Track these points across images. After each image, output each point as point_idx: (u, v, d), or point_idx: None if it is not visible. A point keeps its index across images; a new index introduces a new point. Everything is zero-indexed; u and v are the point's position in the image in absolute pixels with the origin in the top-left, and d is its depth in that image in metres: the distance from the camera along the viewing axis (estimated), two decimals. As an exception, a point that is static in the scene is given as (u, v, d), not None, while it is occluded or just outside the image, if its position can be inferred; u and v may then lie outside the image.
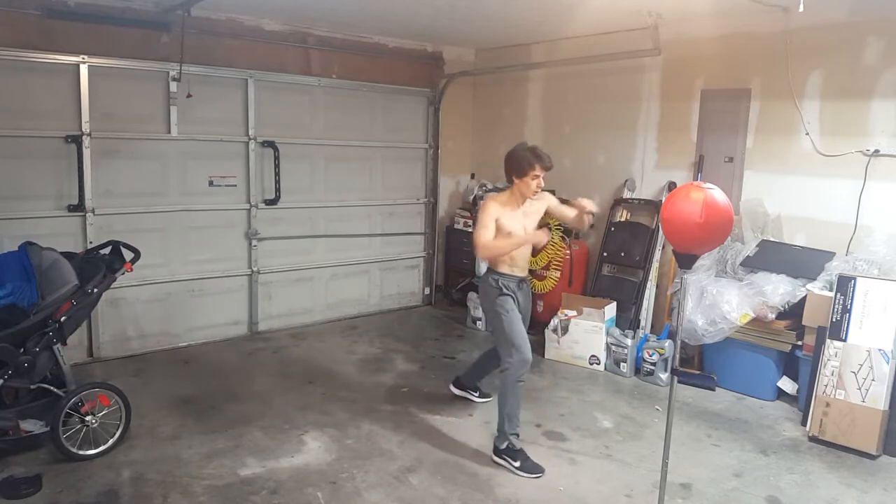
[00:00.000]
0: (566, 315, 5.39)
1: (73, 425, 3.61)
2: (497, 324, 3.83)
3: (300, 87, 5.98)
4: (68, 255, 3.84)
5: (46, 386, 3.62)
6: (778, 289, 4.49)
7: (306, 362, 5.29)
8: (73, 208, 4.94)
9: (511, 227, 3.74)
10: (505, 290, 3.83)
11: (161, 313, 5.45)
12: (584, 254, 6.06)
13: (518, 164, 3.70)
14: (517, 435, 3.75)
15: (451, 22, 5.56)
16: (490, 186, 6.88)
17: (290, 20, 5.74)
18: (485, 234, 3.67)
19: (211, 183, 5.57)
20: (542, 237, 3.78)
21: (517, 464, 3.63)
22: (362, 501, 3.33)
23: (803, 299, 4.42)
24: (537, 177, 3.68)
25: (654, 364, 4.99)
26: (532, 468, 3.62)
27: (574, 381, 5.01)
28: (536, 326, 5.95)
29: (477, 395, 4.55)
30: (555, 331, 5.40)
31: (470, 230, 6.84)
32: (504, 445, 3.70)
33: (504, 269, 3.86)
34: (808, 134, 4.72)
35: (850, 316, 4.08)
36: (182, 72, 5.14)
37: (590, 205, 3.76)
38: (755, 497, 3.46)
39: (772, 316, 4.50)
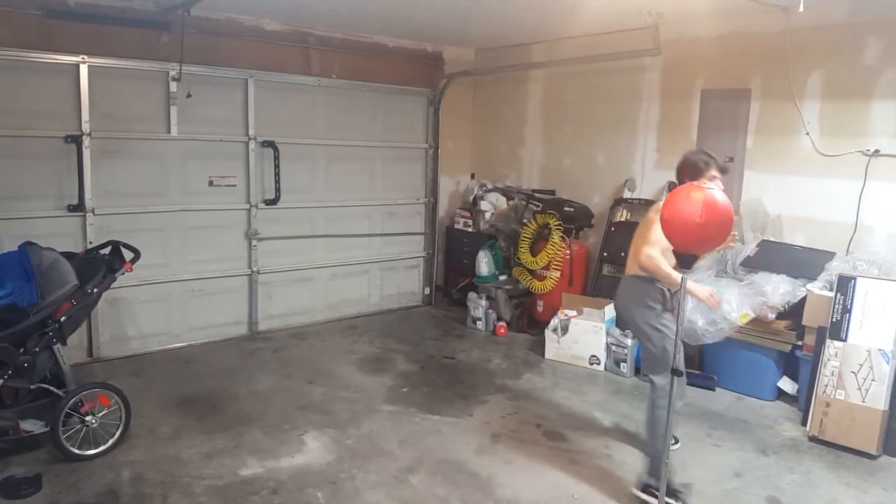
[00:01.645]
0: (566, 315, 5.39)
1: (73, 425, 3.61)
2: (658, 343, 3.55)
3: (300, 87, 5.98)
4: (68, 255, 3.84)
5: (46, 386, 3.62)
6: (778, 289, 4.49)
7: (306, 362, 5.28)
8: (73, 208, 4.94)
9: None
10: (669, 308, 3.56)
11: (161, 313, 5.45)
12: (584, 254, 6.05)
13: (693, 166, 3.53)
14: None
15: (451, 22, 5.57)
16: (490, 186, 6.88)
17: (290, 20, 5.74)
18: None
19: (211, 183, 5.57)
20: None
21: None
22: (362, 501, 3.33)
23: (803, 299, 4.42)
24: (715, 177, 3.48)
25: (654, 364, 4.98)
26: None
27: (574, 381, 5.01)
28: (537, 326, 5.97)
29: (677, 444, 3.92)
30: (555, 331, 5.40)
31: (470, 230, 6.84)
32: (653, 482, 3.37)
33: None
34: (808, 134, 4.72)
35: (850, 316, 4.08)
36: (182, 72, 5.14)
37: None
38: (755, 497, 3.46)
39: (772, 316, 4.50)
